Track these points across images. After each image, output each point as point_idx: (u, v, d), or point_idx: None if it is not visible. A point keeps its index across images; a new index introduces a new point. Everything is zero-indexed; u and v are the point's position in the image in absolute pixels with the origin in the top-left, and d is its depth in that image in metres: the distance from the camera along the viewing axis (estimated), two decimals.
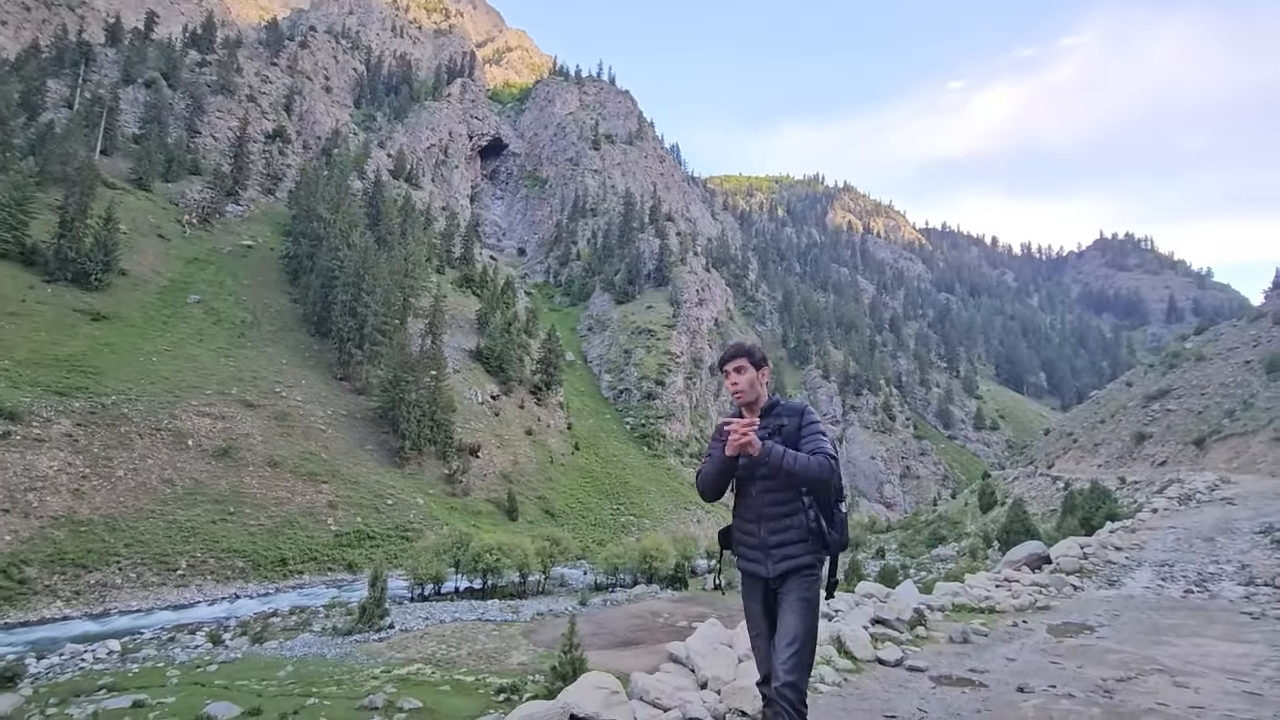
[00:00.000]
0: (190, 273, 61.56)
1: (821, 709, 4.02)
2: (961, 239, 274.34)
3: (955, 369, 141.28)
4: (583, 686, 3.70)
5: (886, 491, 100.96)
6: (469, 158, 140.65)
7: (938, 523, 47.57)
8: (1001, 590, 8.35)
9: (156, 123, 75.04)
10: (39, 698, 17.96)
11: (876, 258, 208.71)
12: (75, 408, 39.72)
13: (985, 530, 35.76)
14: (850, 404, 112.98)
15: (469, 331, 74.66)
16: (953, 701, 4.41)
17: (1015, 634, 6.47)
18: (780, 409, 2.98)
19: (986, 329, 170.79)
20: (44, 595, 30.83)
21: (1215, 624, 6.57)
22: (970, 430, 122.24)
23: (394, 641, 25.71)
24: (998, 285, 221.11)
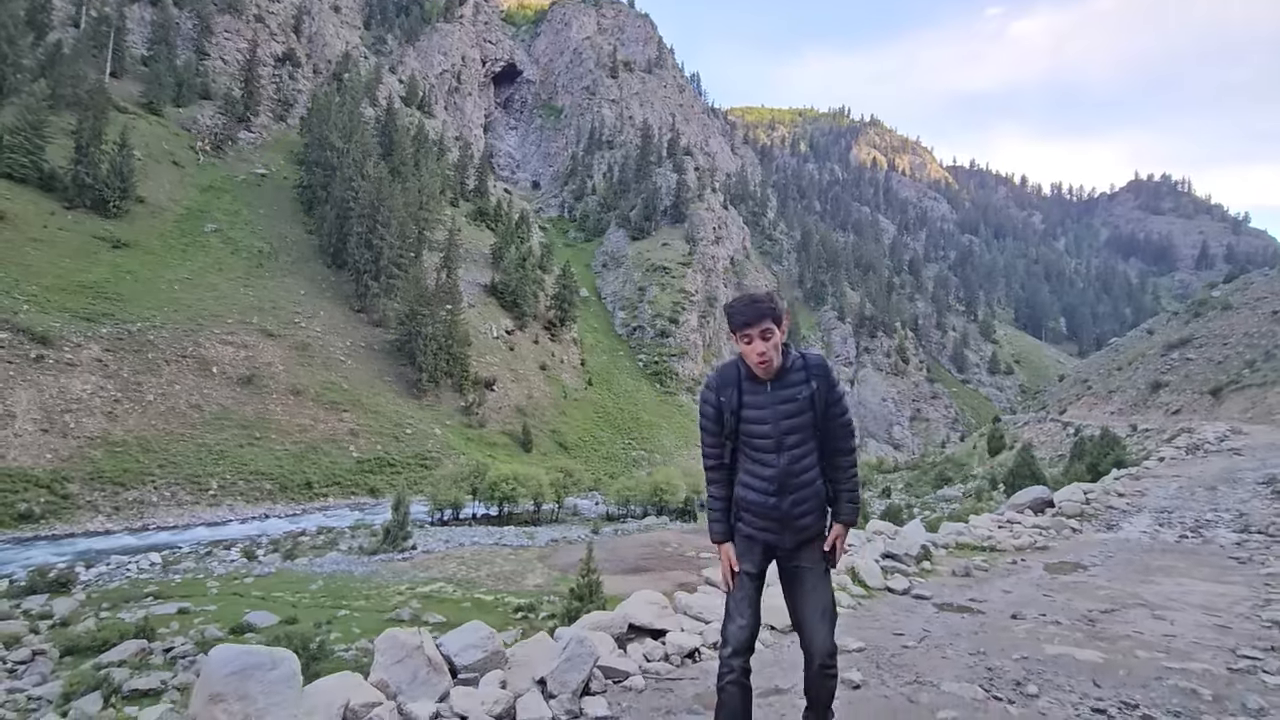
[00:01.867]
0: (206, 201, 61.51)
1: (841, 626, 4.37)
2: (990, 178, 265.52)
3: (973, 312, 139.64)
4: (637, 601, 4.17)
5: (895, 433, 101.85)
6: (482, 85, 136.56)
7: (945, 464, 48.24)
8: (1003, 531, 8.66)
9: (164, 44, 73.22)
10: (92, 602, 19.31)
11: (900, 196, 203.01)
12: (103, 334, 40.70)
13: (992, 473, 36.29)
14: (864, 346, 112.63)
15: (484, 266, 74.56)
16: (953, 624, 4.89)
17: (1013, 570, 6.81)
18: (806, 368, 2.62)
19: (1008, 272, 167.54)
20: (86, 510, 32.55)
21: (1202, 566, 6.85)
22: (984, 374, 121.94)
23: (417, 562, 27.02)
24: (1024, 227, 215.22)
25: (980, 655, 4.21)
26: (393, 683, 3.07)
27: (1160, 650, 4.29)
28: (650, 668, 3.67)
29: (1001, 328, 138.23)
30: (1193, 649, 4.31)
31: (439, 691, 3.10)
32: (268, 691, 2.61)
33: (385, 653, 3.17)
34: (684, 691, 3.51)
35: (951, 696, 3.56)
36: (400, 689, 3.04)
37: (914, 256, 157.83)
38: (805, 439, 2.58)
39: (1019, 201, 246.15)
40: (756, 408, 2.59)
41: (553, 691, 3.19)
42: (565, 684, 3.18)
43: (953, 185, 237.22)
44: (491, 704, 3.05)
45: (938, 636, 4.57)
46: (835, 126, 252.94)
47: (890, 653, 4.22)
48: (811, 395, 2.58)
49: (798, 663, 2.76)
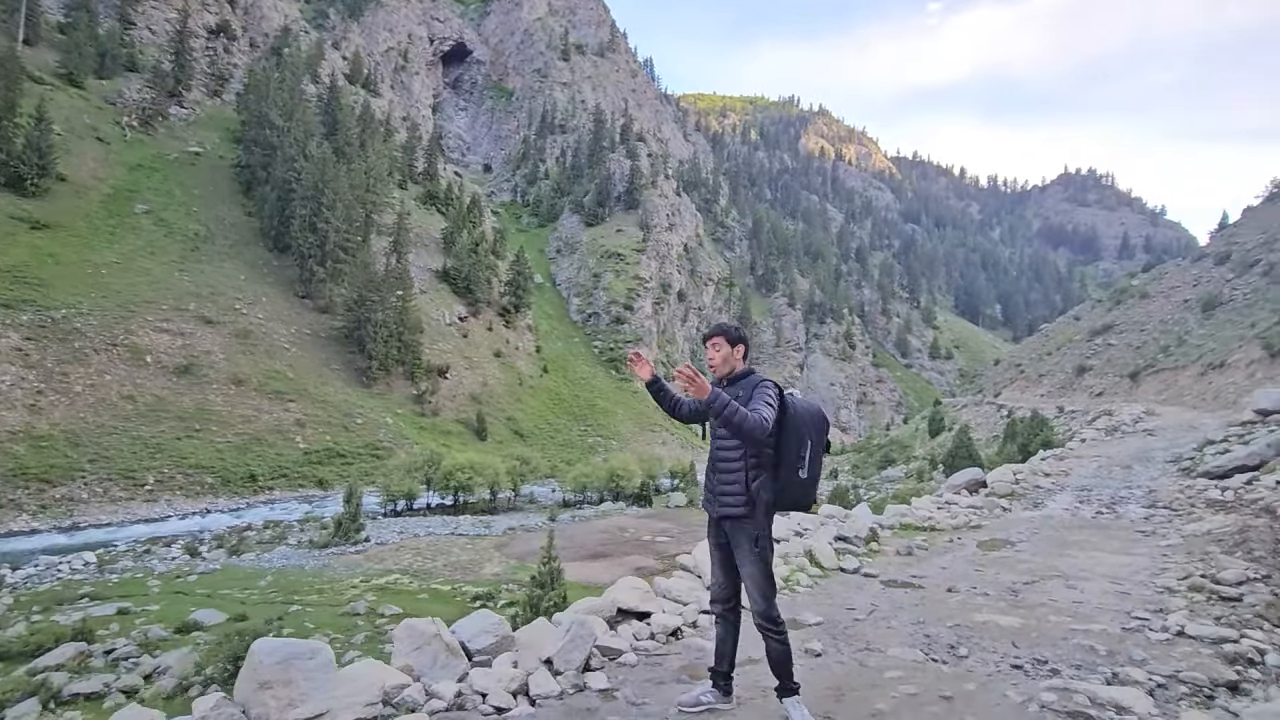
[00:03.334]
0: (135, 180, 58.20)
1: (801, 604, 5.19)
2: (931, 169, 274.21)
3: (916, 299, 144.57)
4: (623, 586, 4.66)
5: (843, 416, 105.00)
6: (430, 63, 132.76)
7: (889, 446, 50.23)
8: (942, 512, 9.31)
9: (85, 10, 68.52)
10: (21, 605, 18.43)
11: (847, 186, 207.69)
12: (23, 321, 38.38)
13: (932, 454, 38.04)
14: (814, 332, 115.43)
15: (435, 251, 73.08)
16: (897, 599, 5.48)
17: (950, 548, 7.40)
18: (745, 381, 3.29)
19: (949, 260, 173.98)
20: (8, 509, 30.85)
21: (1112, 540, 7.60)
22: (926, 359, 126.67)
23: (370, 554, 26.70)
24: (963, 217, 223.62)
25: (920, 625, 4.78)
26: (416, 666, 3.42)
27: (1069, 615, 4.91)
28: (640, 645, 4.13)
29: (942, 314, 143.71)
30: (1095, 613, 4.94)
31: (458, 673, 3.47)
32: (308, 677, 2.92)
33: (404, 640, 3.51)
34: (671, 664, 3.98)
35: (895, 660, 4.10)
36: (424, 672, 3.40)
37: (860, 245, 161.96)
38: (727, 435, 3.26)
39: (958, 192, 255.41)
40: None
41: (559, 669, 3.58)
42: (570, 662, 3.58)
43: (896, 176, 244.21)
44: (508, 681, 3.42)
45: (884, 610, 5.11)
46: (785, 115, 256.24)
47: (844, 625, 4.73)
48: (735, 397, 3.21)
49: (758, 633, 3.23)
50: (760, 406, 3.08)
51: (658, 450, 67.21)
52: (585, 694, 3.50)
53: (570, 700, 3.43)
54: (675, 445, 73.28)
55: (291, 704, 2.81)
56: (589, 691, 3.52)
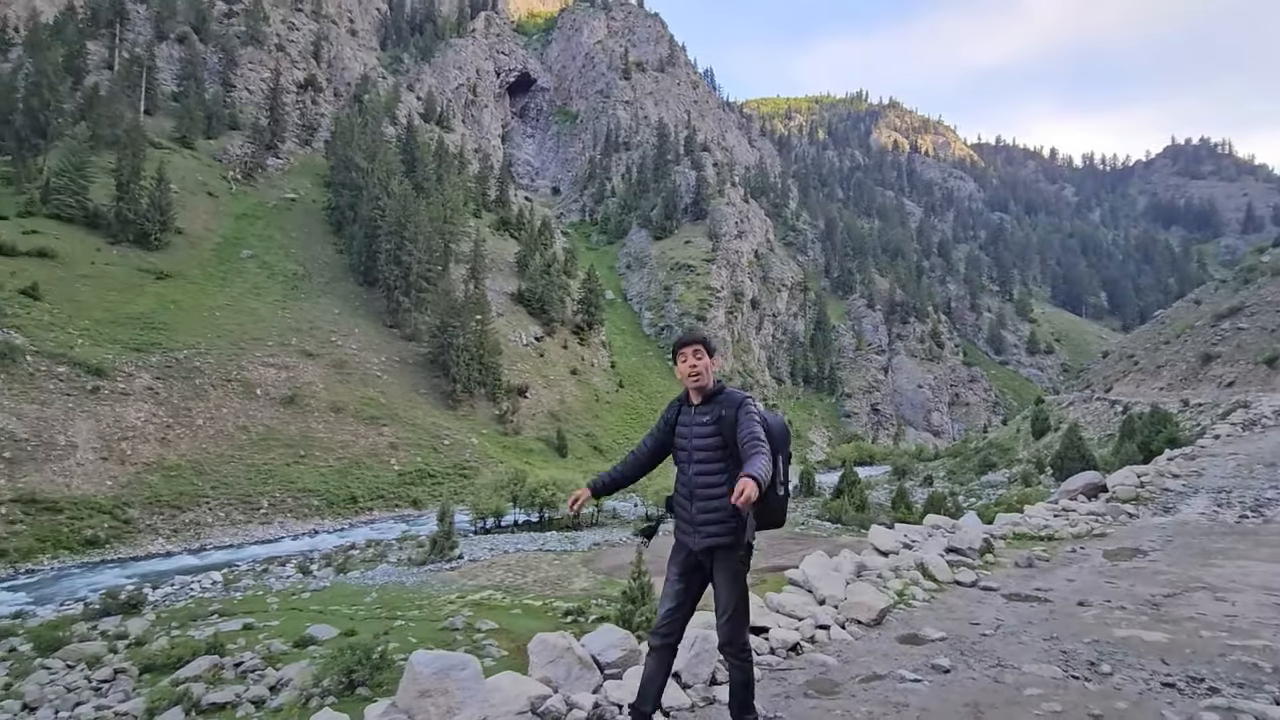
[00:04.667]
0: (240, 228, 63.38)
1: (919, 618, 4.94)
2: (1017, 153, 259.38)
3: (1008, 292, 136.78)
4: None
5: (934, 419, 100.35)
6: (498, 95, 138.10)
7: (988, 450, 47.41)
8: (1060, 519, 8.66)
9: (193, 79, 75.69)
10: (162, 621, 20.13)
11: (924, 178, 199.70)
12: (153, 362, 42.27)
13: (1038, 456, 35.63)
14: (896, 333, 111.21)
15: (509, 274, 75.45)
16: (1024, 613, 5.13)
17: (1074, 559, 6.88)
18: (723, 398, 3.09)
19: (1043, 248, 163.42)
20: (147, 533, 33.85)
21: (1263, 547, 6.82)
22: (1023, 355, 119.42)
23: (464, 570, 27.55)
24: (1056, 201, 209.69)
25: (1054, 640, 4.47)
26: (553, 678, 3.58)
27: (1223, 630, 4.46)
28: (761, 660, 4.08)
29: (1039, 306, 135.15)
30: (1255, 628, 4.47)
31: (593, 685, 3.61)
32: (462, 687, 3.14)
33: (539, 654, 3.69)
34: (795, 679, 3.90)
35: (1033, 676, 3.84)
36: (560, 683, 3.56)
37: (943, 238, 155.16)
38: (713, 458, 3.02)
39: (1049, 175, 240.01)
40: (683, 424, 3.16)
41: (687, 682, 3.63)
42: (697, 675, 3.63)
43: (978, 163, 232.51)
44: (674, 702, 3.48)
45: (1011, 625, 4.81)
46: (853, 111, 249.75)
47: (970, 640, 4.47)
48: (718, 419, 3.02)
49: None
50: (754, 428, 2.92)
51: None
52: (716, 707, 3.51)
53: (702, 713, 3.46)
54: None
55: (450, 711, 3.03)
56: (719, 704, 3.52)
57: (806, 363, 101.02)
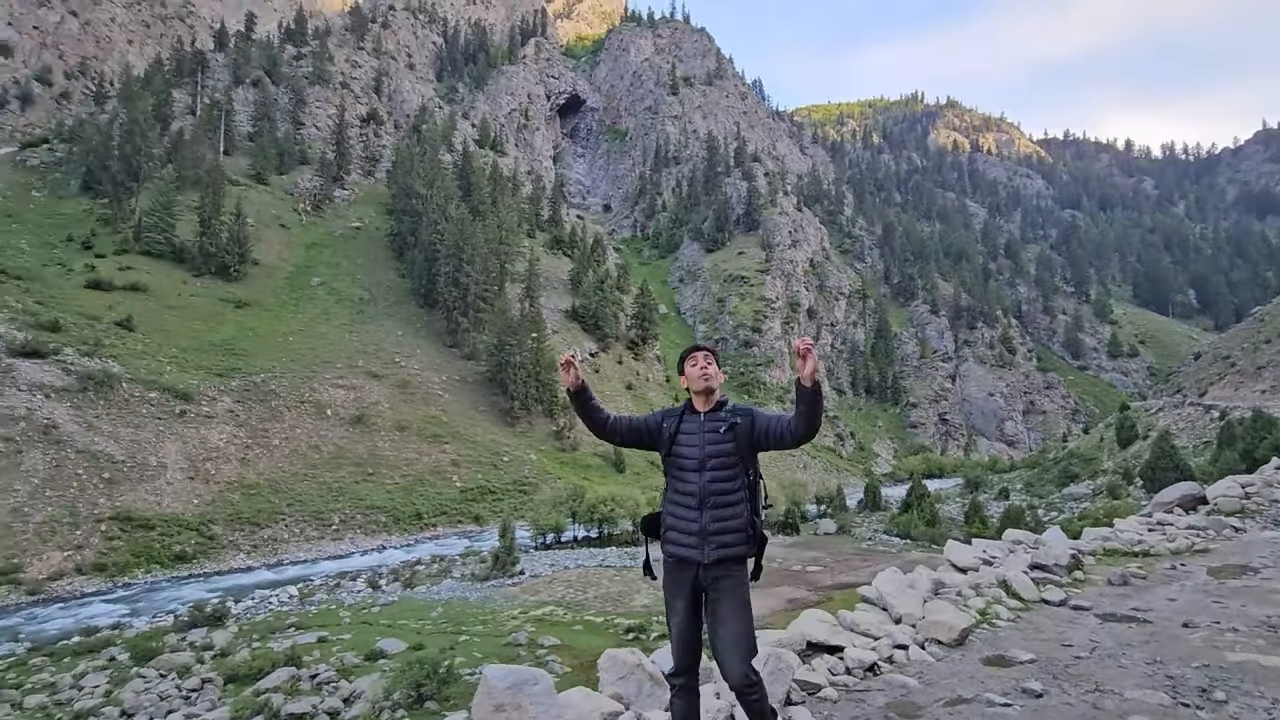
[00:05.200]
0: (310, 257, 66.68)
1: (1005, 639, 4.60)
2: (1088, 147, 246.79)
3: (1085, 293, 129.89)
4: (809, 620, 4.48)
5: (1008, 429, 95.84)
6: (549, 118, 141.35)
7: (1068, 460, 44.83)
8: (1155, 534, 8.02)
9: (266, 119, 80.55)
10: (244, 633, 21.06)
11: (988, 177, 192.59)
12: (233, 386, 44.71)
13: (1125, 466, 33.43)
14: (964, 339, 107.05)
15: (563, 292, 76.57)
16: (1122, 634, 4.71)
17: (1174, 576, 6.35)
18: (733, 407, 3.07)
19: (1121, 245, 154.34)
20: (229, 549, 35.59)
21: None
22: (1104, 359, 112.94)
23: (526, 586, 27.79)
24: (1134, 195, 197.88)
25: (1158, 664, 4.09)
26: (624, 694, 3.57)
27: None
28: (838, 680, 3.91)
29: (1119, 306, 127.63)
30: None
31: (664, 702, 3.54)
32: (535, 702, 3.17)
33: (609, 670, 3.68)
34: (874, 701, 3.69)
35: (1137, 703, 3.53)
36: (632, 700, 3.54)
37: (1010, 239, 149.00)
38: (727, 464, 2.95)
39: (1125, 168, 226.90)
40: (687, 433, 3.04)
41: None
42: (772, 695, 3.47)
43: (1046, 159, 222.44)
44: (714, 712, 3.43)
45: (1108, 647, 4.45)
46: (909, 113, 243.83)
47: (1063, 663, 4.14)
48: (733, 426, 2.98)
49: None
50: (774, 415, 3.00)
51: (799, 475, 64.82)
52: None
53: None
54: (817, 469, 70.40)
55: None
56: None
57: (868, 372, 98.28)
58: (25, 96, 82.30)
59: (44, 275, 48.82)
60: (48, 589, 28.53)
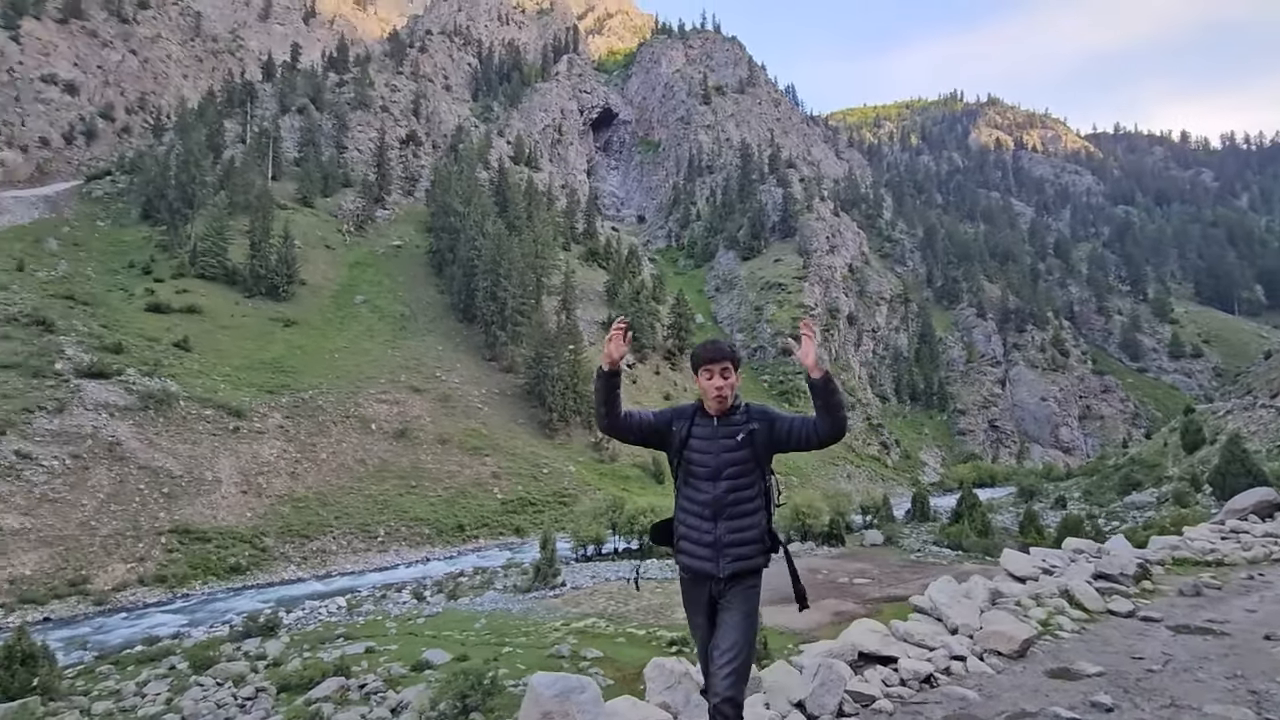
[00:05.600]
0: (354, 276, 68.65)
1: (1070, 651, 4.38)
2: (1140, 140, 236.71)
3: (1142, 292, 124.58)
4: (860, 629, 4.36)
5: (1063, 435, 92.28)
6: (581, 132, 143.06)
7: (1129, 467, 42.79)
8: (1228, 542, 7.56)
9: (311, 145, 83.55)
10: (295, 644, 21.55)
11: (1033, 175, 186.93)
12: (283, 403, 46.15)
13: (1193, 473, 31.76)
14: (1013, 342, 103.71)
15: (599, 303, 77.02)
16: (1197, 647, 4.44)
17: (1252, 586, 5.96)
18: (748, 411, 2.92)
19: (1180, 241, 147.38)
20: (280, 561, 36.58)
21: None
22: (1165, 360, 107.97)
23: (567, 598, 27.78)
24: (1192, 188, 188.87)
25: (1239, 679, 3.81)
26: (672, 704, 3.55)
27: None
28: (892, 691, 3.80)
29: (1180, 305, 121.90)
30: None
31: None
32: (582, 709, 3.17)
33: (656, 680, 3.68)
34: (932, 714, 3.56)
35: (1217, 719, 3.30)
36: (679, 710, 3.51)
37: (1059, 238, 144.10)
38: (743, 472, 2.82)
39: (1181, 160, 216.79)
40: (701, 438, 2.88)
41: (812, 712, 3.48)
42: (823, 706, 3.48)
43: (1096, 155, 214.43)
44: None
45: (1183, 660, 4.18)
46: (948, 113, 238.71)
47: (1135, 677, 3.90)
48: (751, 434, 2.84)
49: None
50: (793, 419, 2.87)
51: (843, 485, 63.53)
52: None
53: None
54: (862, 478, 68.89)
55: None
56: None
57: (913, 378, 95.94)
58: (90, 132, 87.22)
59: (108, 300, 51.40)
60: (113, 599, 29.77)
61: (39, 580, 29.10)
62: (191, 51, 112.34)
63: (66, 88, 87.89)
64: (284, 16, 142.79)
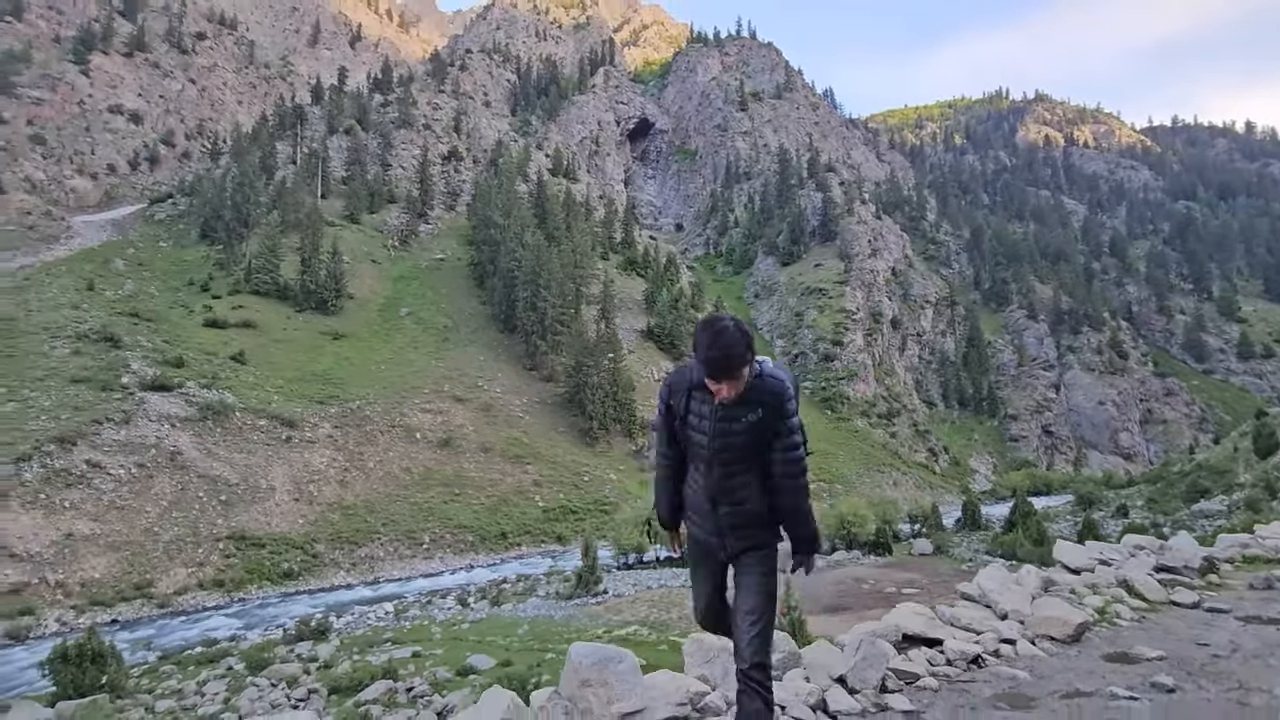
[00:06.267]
0: (399, 289, 70.48)
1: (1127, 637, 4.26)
2: (1201, 132, 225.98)
3: (1206, 290, 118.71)
4: (904, 612, 4.39)
5: (1123, 440, 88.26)
6: (619, 143, 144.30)
7: (1197, 473, 40.62)
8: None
9: (358, 164, 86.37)
10: (345, 647, 22.05)
11: (1086, 171, 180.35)
12: (332, 413, 47.54)
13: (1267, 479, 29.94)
14: (1066, 344, 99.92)
15: (638, 312, 77.20)
16: (1269, 637, 4.24)
17: None
18: (758, 392, 2.49)
19: (1247, 236, 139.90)
20: (331, 567, 37.58)
21: None
22: (1233, 361, 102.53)
23: (609, 605, 27.71)
24: (1259, 180, 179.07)
25: None
26: (710, 677, 3.64)
27: None
28: (938, 670, 3.79)
29: (1249, 303, 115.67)
30: None
31: None
32: (620, 679, 3.29)
33: (694, 654, 3.79)
34: (980, 692, 3.52)
35: None
36: (718, 682, 3.60)
37: (1115, 236, 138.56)
38: (742, 459, 2.55)
39: (1247, 152, 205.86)
40: (699, 417, 2.58)
41: (854, 687, 3.53)
42: (865, 681, 3.50)
43: (1153, 149, 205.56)
44: (805, 695, 3.46)
45: (1252, 648, 3.99)
46: (994, 111, 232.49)
47: (1199, 662, 3.75)
48: (756, 422, 2.50)
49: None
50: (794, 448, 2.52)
51: (889, 492, 61.89)
52: (888, 714, 3.32)
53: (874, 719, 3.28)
54: (909, 486, 67.09)
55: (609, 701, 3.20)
56: (892, 712, 3.34)
57: (960, 383, 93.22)
58: (153, 158, 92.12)
59: (170, 316, 53.93)
60: (175, 603, 31.01)
61: (107, 583, 30.54)
62: (245, 78, 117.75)
63: (131, 117, 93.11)
64: (331, 41, 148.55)
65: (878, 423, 78.00)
